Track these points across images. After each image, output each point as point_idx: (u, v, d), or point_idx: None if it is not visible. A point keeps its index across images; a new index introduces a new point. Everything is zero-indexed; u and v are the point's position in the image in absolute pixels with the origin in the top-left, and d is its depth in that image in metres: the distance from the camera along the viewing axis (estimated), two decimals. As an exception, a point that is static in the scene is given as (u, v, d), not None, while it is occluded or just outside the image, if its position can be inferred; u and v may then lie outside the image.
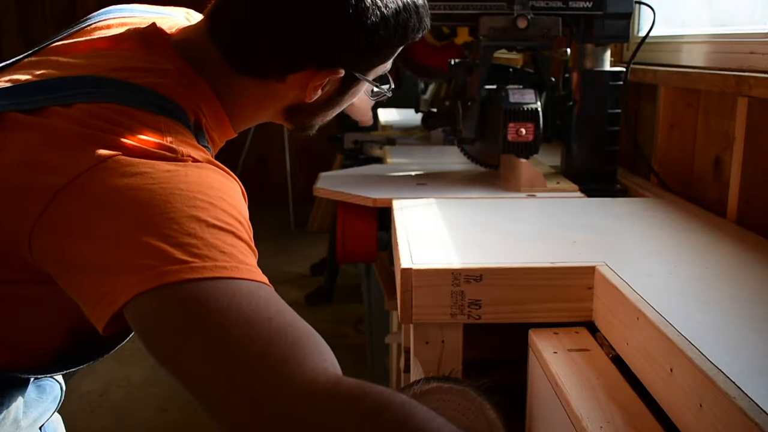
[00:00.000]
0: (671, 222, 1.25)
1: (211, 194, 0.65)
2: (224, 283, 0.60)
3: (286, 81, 0.83)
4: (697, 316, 0.81)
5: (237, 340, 0.57)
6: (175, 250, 0.60)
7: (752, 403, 0.60)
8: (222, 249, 0.62)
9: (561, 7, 1.45)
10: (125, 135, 0.67)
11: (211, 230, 0.62)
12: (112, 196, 0.63)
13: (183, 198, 0.63)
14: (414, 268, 0.97)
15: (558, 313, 0.98)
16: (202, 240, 0.61)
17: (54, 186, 0.63)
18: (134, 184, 0.63)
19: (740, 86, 1.23)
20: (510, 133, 1.43)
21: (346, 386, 0.56)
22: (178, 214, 0.62)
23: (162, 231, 0.61)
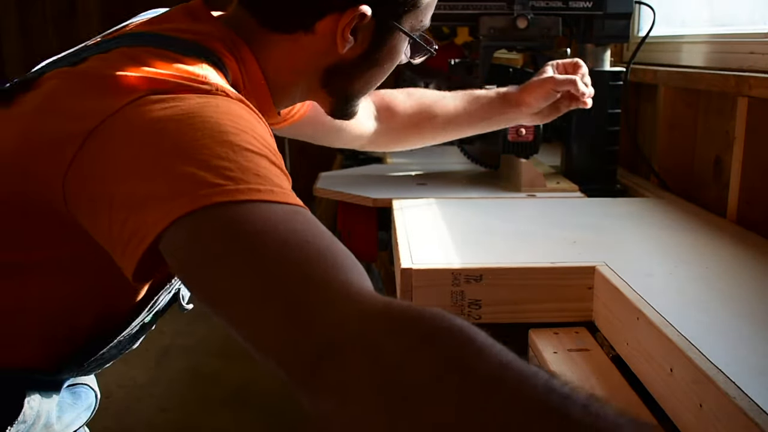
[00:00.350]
0: (671, 222, 1.25)
1: (242, 123, 0.63)
2: (260, 206, 0.56)
3: (314, 31, 0.79)
4: (697, 316, 0.81)
5: (276, 262, 0.53)
6: (208, 174, 0.56)
7: (752, 403, 0.60)
8: (256, 171, 0.58)
9: (561, 7, 1.46)
10: (156, 71, 0.65)
11: (244, 153, 0.59)
12: (141, 130, 0.61)
13: (214, 124, 0.61)
14: (414, 268, 0.97)
15: (558, 313, 0.98)
16: (235, 163, 0.58)
17: (84, 131, 0.62)
18: (163, 116, 0.61)
19: (740, 86, 1.23)
20: (510, 133, 1.43)
21: (398, 307, 0.51)
22: (209, 139, 0.59)
23: (193, 156, 0.58)
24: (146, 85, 0.64)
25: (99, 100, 0.63)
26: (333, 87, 0.86)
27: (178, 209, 0.55)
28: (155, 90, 0.63)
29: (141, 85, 0.64)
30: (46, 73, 0.71)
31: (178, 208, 0.55)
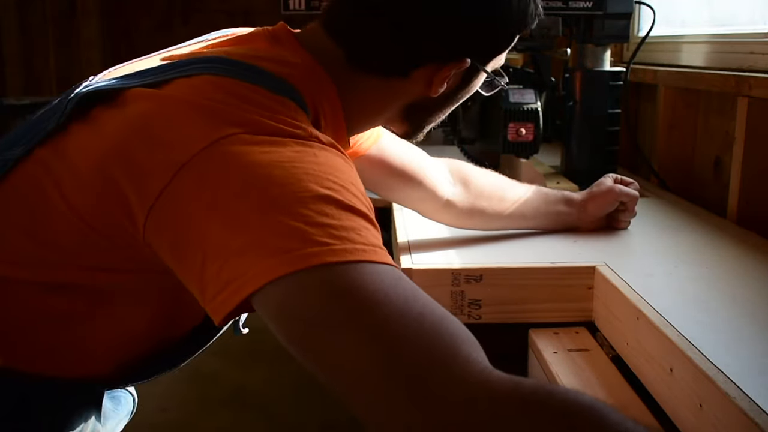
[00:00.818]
0: (671, 222, 1.25)
1: (341, 177, 0.60)
2: (367, 269, 0.54)
3: (409, 77, 0.77)
4: (697, 316, 0.81)
5: (396, 331, 0.51)
6: (315, 231, 0.54)
7: (752, 403, 0.60)
8: (358, 231, 0.57)
9: (561, 7, 1.45)
10: (252, 110, 0.62)
11: (346, 213, 0.57)
12: (240, 172, 0.57)
13: (316, 178, 0.58)
14: (414, 268, 0.97)
15: (558, 313, 0.98)
16: (339, 221, 0.56)
17: (175, 162, 0.58)
18: (264, 161, 0.57)
19: (740, 86, 1.23)
20: (510, 133, 1.43)
21: (529, 386, 0.49)
22: (313, 194, 0.56)
23: (298, 211, 0.55)
24: (243, 122, 0.61)
25: (192, 129, 0.60)
26: (412, 120, 0.85)
27: (284, 266, 0.53)
28: (252, 130, 0.60)
29: (238, 121, 0.60)
30: (125, 89, 0.67)
31: (284, 265, 0.53)
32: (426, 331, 0.51)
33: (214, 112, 0.61)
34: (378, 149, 1.00)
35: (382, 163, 1.01)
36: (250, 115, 0.61)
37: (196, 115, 0.61)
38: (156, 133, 0.61)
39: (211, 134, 0.59)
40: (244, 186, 0.57)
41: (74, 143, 0.66)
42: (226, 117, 0.61)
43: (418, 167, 1.05)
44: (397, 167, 1.01)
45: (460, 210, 1.09)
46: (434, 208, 1.09)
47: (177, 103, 0.63)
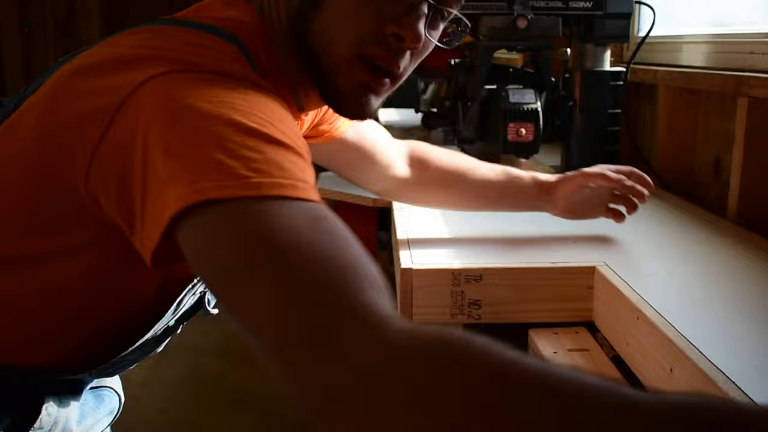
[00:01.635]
0: (671, 222, 1.25)
1: (270, 115, 0.60)
2: (285, 204, 0.53)
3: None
4: (697, 316, 0.81)
5: (297, 277, 0.50)
6: (235, 163, 0.53)
7: (752, 403, 0.60)
8: (282, 165, 0.55)
9: (561, 7, 1.45)
10: (187, 52, 0.63)
11: (271, 146, 0.56)
12: (167, 105, 0.58)
13: (243, 113, 0.58)
14: (414, 268, 0.97)
15: (558, 313, 0.98)
16: (262, 154, 0.55)
17: (110, 106, 0.59)
18: (192, 95, 0.58)
19: (740, 86, 1.23)
20: (510, 133, 1.43)
21: (424, 338, 0.46)
22: (238, 126, 0.56)
23: (220, 143, 0.55)
24: (176, 61, 0.61)
25: (125, 74, 0.61)
26: (298, 42, 0.78)
27: (201, 193, 0.52)
28: (184, 68, 0.61)
29: (171, 61, 0.61)
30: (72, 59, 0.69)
31: (201, 193, 0.52)
32: (330, 277, 0.50)
33: (145, 53, 0.62)
34: (355, 132, 1.03)
35: (356, 147, 1.04)
36: (184, 56, 0.62)
37: (128, 59, 0.62)
38: (87, 84, 0.63)
39: (142, 75, 0.60)
40: (171, 118, 0.57)
41: (25, 114, 0.69)
42: (160, 59, 0.61)
43: (375, 145, 1.06)
44: (358, 146, 1.02)
45: (419, 190, 1.13)
46: (392, 187, 1.12)
47: (114, 56, 0.64)
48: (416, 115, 2.57)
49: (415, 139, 2.45)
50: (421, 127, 2.44)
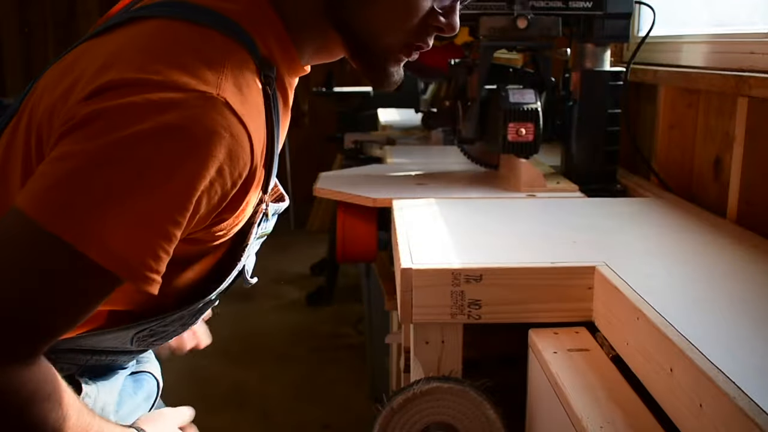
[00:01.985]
0: (671, 222, 1.25)
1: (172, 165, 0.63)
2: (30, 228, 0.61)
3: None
4: (697, 316, 0.81)
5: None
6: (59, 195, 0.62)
7: (752, 403, 0.60)
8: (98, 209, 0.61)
9: (561, 7, 1.45)
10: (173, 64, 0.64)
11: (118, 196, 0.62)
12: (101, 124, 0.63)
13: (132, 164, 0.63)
14: (414, 268, 0.97)
15: (558, 313, 0.98)
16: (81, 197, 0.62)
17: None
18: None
19: (740, 86, 1.23)
20: (510, 133, 1.43)
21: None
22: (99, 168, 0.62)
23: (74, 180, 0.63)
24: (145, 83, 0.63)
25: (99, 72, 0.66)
26: (338, 24, 0.78)
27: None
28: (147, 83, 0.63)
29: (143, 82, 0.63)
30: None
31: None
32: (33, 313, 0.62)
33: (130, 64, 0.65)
34: None
35: None
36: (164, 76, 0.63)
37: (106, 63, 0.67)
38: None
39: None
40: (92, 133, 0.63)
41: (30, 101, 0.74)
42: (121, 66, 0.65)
43: None
44: None
45: None
46: None
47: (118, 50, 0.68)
48: (416, 115, 2.57)
49: (415, 139, 2.45)
50: (421, 127, 2.44)
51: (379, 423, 0.93)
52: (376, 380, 2.57)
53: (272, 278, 3.96)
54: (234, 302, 3.63)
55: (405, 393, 0.93)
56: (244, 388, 2.76)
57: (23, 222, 0.60)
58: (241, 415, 2.56)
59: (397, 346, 1.89)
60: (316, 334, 3.25)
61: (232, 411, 2.59)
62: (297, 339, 3.19)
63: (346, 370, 2.88)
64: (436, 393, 0.93)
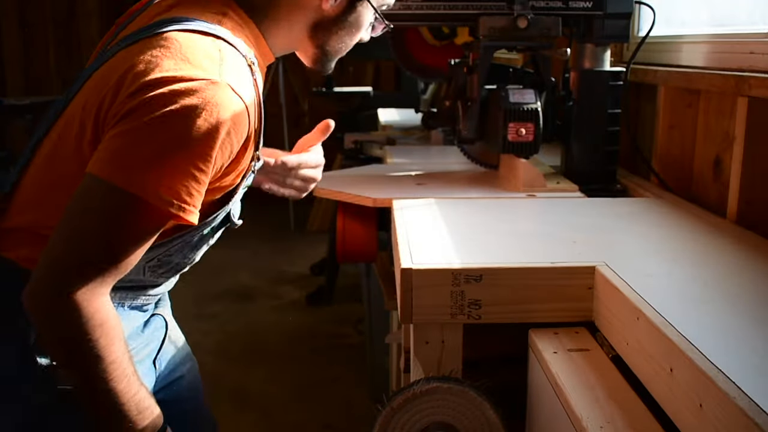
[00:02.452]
0: (671, 222, 1.25)
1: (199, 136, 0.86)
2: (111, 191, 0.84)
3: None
4: (697, 316, 0.81)
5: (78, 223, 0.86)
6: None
7: (752, 403, 0.60)
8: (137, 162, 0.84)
9: (561, 7, 1.45)
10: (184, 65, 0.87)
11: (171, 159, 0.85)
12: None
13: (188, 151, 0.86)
14: (414, 268, 0.97)
15: (558, 313, 0.98)
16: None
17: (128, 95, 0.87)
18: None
19: (740, 86, 1.23)
20: (510, 133, 1.43)
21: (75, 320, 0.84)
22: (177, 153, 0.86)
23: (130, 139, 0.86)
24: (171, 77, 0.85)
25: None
26: (315, 39, 1.05)
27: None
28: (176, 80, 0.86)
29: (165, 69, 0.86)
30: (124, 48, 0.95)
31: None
32: (100, 251, 0.86)
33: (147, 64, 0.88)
34: None
35: None
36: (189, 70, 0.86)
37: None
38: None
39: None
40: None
41: (71, 105, 0.96)
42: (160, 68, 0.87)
43: None
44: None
45: None
46: None
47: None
48: (416, 115, 2.57)
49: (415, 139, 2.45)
50: (421, 127, 2.44)
51: (379, 423, 0.93)
52: (376, 380, 2.57)
53: (271, 279, 3.96)
54: (234, 302, 3.63)
55: (405, 393, 0.93)
56: (244, 388, 2.76)
57: (96, 183, 0.84)
58: (241, 415, 2.56)
59: (397, 346, 1.89)
60: (316, 334, 3.25)
61: (232, 411, 2.59)
62: (297, 339, 3.19)
63: (346, 370, 2.88)
64: (436, 393, 0.93)
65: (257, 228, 4.85)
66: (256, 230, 4.84)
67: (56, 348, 0.89)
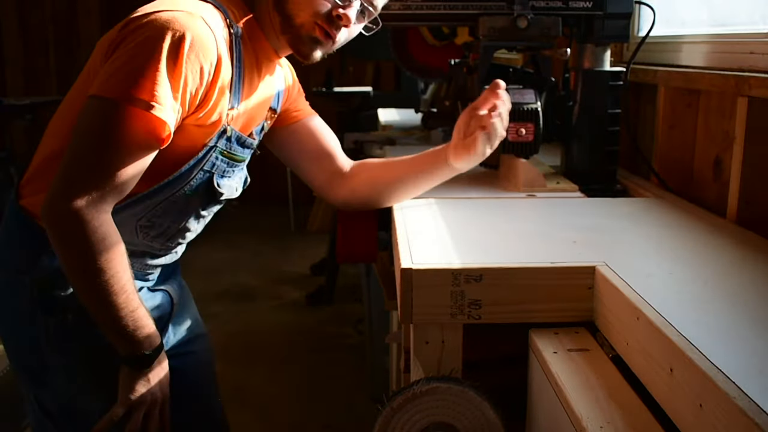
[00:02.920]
0: (671, 222, 1.25)
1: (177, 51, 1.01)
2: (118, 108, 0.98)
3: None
4: (697, 316, 0.81)
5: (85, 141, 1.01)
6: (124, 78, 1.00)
7: (752, 403, 0.60)
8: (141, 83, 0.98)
9: (561, 7, 1.45)
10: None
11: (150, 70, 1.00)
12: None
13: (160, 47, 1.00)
14: (414, 268, 0.97)
15: (558, 313, 0.98)
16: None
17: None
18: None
19: (740, 86, 1.23)
20: (510, 133, 1.43)
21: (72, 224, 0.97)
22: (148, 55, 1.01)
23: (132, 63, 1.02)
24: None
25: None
26: (278, 7, 1.12)
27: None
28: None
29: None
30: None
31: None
32: (95, 163, 0.99)
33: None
34: (313, 123, 1.34)
35: (311, 134, 1.34)
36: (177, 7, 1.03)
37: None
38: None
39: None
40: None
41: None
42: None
43: (330, 144, 1.35)
44: (319, 143, 1.33)
45: (346, 185, 1.35)
46: (324, 182, 1.35)
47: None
48: (416, 115, 2.57)
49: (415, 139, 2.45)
50: (421, 127, 2.44)
51: (379, 423, 0.93)
52: (376, 380, 2.57)
53: (271, 279, 3.96)
54: (234, 302, 3.63)
55: (405, 393, 0.93)
56: (244, 388, 2.76)
57: (88, 101, 1.00)
58: (241, 415, 2.56)
59: (397, 346, 1.89)
60: (316, 334, 3.25)
61: (232, 411, 2.59)
62: (297, 339, 3.19)
63: (346, 370, 2.88)
64: (436, 393, 0.93)
65: (257, 228, 4.86)
66: (256, 230, 4.84)
67: (65, 260, 1.00)
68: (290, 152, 1.35)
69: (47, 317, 1.11)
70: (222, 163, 1.17)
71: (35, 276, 1.11)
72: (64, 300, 1.10)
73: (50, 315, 1.11)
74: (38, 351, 1.12)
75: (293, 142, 1.33)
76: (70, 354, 1.13)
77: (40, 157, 1.14)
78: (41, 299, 1.11)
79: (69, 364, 1.13)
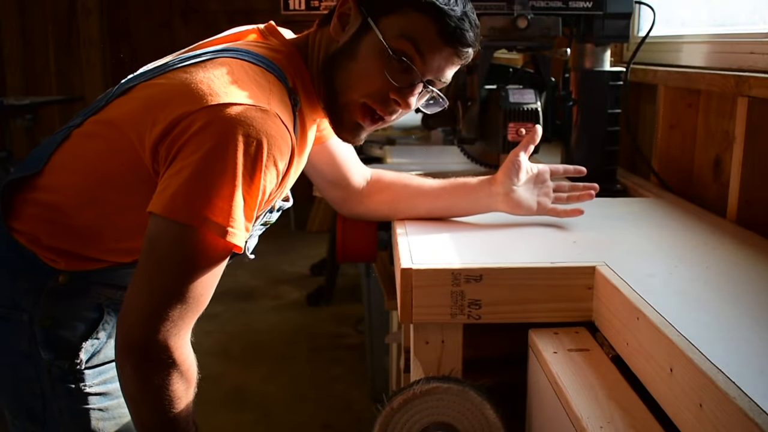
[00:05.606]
0: (671, 222, 1.25)
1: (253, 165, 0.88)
2: (195, 234, 0.87)
3: (330, 23, 1.00)
4: (697, 316, 0.81)
5: (161, 282, 0.89)
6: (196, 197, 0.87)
7: (752, 403, 0.60)
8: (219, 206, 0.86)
9: (561, 7, 1.45)
10: (234, 87, 0.90)
11: (230, 193, 0.87)
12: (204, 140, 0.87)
13: (233, 164, 0.87)
14: (414, 268, 0.97)
15: (558, 313, 0.98)
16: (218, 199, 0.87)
17: (176, 117, 0.88)
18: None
19: (740, 86, 1.23)
20: (510, 133, 1.43)
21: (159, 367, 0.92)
22: (221, 172, 0.87)
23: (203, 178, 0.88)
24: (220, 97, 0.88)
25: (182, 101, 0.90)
26: (329, 71, 0.99)
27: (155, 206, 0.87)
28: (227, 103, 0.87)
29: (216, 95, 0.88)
30: (153, 77, 0.98)
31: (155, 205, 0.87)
32: (177, 291, 0.89)
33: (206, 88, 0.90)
34: (330, 145, 1.22)
35: (329, 159, 1.24)
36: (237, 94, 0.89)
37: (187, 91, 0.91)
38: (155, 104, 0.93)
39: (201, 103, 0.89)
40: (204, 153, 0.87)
41: (113, 107, 0.98)
42: (211, 92, 0.89)
43: (347, 158, 1.26)
44: (336, 168, 1.25)
45: (363, 201, 1.29)
46: (341, 195, 1.29)
47: (177, 84, 0.93)
48: (416, 115, 2.56)
49: (415, 139, 2.45)
50: (421, 127, 2.44)
51: (379, 423, 0.93)
52: (376, 380, 2.57)
53: (271, 279, 3.96)
54: (234, 302, 3.62)
55: (405, 393, 0.93)
56: (244, 388, 2.76)
57: (158, 221, 0.86)
58: (241, 415, 2.56)
59: (397, 346, 1.89)
60: (316, 334, 3.25)
61: (232, 411, 2.59)
62: (297, 339, 3.19)
63: (346, 370, 2.88)
64: (436, 393, 0.93)
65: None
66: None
67: (145, 393, 0.93)
68: (305, 171, 1.24)
69: (51, 359, 1.01)
70: (257, 231, 1.10)
71: (37, 314, 1.00)
72: (73, 342, 1.01)
73: (57, 357, 1.01)
74: (40, 394, 1.03)
75: (308, 167, 1.22)
76: (78, 396, 1.04)
77: (50, 185, 1.00)
78: (47, 340, 1.00)
79: (76, 406, 1.04)
